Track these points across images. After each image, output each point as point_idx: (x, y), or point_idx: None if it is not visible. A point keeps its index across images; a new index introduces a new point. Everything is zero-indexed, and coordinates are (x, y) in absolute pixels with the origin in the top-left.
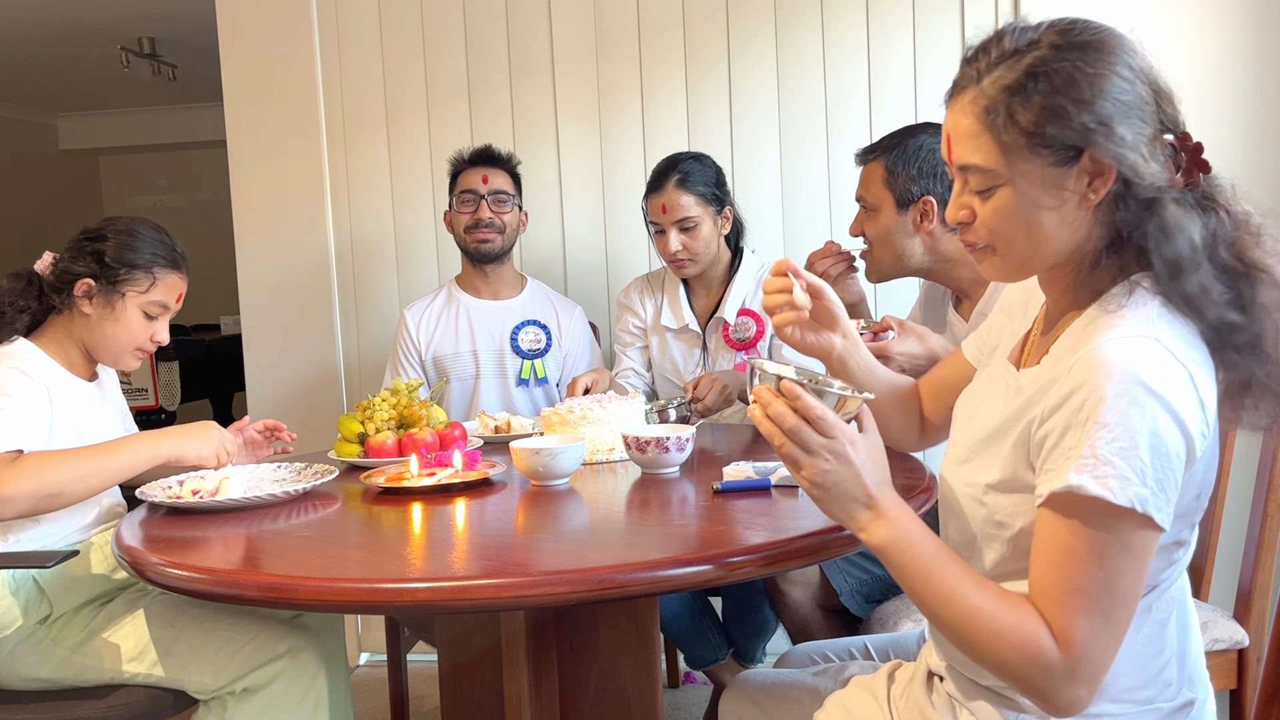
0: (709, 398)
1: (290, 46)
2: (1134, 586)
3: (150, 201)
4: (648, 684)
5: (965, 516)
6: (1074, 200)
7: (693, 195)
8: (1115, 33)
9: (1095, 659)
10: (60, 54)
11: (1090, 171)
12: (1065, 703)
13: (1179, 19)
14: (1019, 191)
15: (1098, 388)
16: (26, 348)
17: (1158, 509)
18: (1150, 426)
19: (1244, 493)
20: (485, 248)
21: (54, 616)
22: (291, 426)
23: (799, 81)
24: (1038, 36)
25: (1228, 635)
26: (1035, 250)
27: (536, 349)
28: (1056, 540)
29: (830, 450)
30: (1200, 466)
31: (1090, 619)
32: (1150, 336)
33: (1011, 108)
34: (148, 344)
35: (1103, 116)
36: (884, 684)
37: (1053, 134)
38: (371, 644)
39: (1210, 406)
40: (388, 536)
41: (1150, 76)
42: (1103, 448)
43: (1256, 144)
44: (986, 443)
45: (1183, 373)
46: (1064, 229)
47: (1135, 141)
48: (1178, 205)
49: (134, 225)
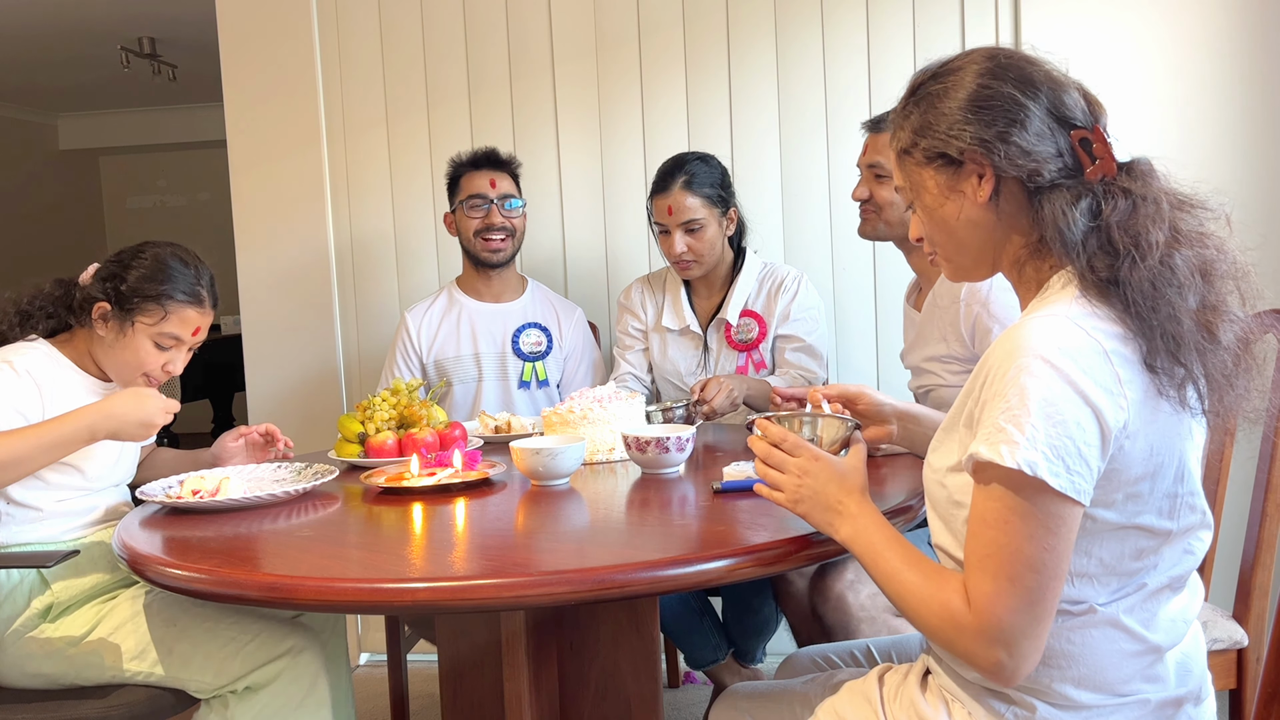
0: (716, 401)
1: (290, 46)
2: (1042, 554)
3: (150, 201)
4: (648, 684)
5: (933, 500)
6: (970, 201)
7: (699, 197)
8: (992, 52)
9: (1005, 620)
10: (60, 54)
11: (977, 173)
12: (988, 664)
13: (1179, 19)
14: (925, 204)
15: (1001, 363)
16: (35, 347)
17: (1053, 474)
18: (1044, 394)
19: (1244, 493)
20: (497, 256)
21: (57, 610)
22: (291, 426)
23: (799, 81)
24: (930, 71)
25: (1228, 635)
26: (960, 250)
27: (538, 351)
28: (974, 508)
29: (798, 467)
30: (1139, 444)
31: (996, 581)
32: (1061, 314)
33: (900, 130)
34: (158, 372)
35: (962, 122)
36: (875, 686)
37: (926, 146)
38: (371, 644)
39: (1133, 382)
40: (388, 536)
41: (1039, 83)
42: (999, 417)
43: (1258, 144)
44: (948, 429)
45: (1093, 346)
46: (974, 229)
47: (1012, 142)
48: (1068, 194)
49: (165, 256)
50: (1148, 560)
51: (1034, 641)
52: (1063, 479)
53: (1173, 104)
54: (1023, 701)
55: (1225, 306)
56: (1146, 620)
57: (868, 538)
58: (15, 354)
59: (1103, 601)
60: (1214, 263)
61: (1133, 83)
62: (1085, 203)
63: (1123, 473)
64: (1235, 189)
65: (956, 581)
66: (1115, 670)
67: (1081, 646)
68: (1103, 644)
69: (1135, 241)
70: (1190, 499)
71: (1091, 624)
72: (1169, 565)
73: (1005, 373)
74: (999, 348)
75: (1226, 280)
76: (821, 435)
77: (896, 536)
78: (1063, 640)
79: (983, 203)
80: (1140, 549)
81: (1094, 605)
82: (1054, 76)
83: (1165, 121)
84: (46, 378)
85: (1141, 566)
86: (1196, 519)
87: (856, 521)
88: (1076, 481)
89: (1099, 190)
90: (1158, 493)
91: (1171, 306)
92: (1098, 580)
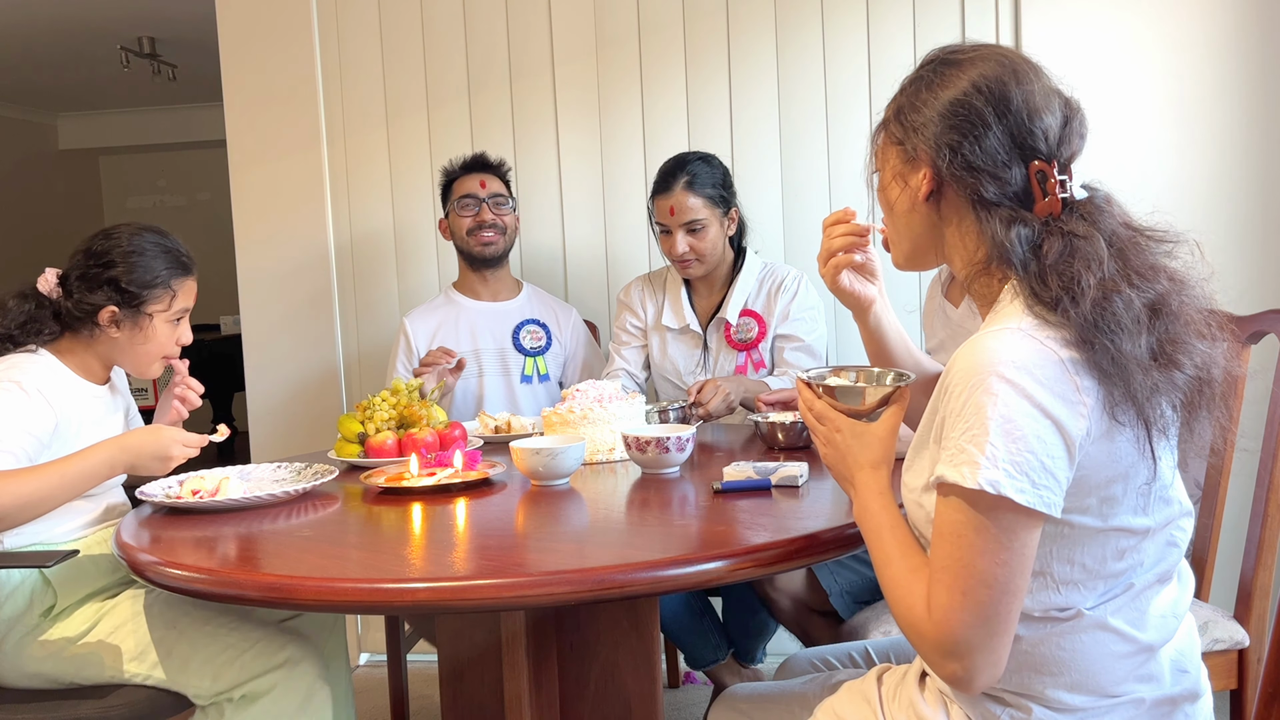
0: (712, 404)
1: (290, 46)
2: (995, 569)
3: (150, 201)
4: (648, 684)
5: (913, 519)
6: (912, 193)
7: (701, 197)
8: (1001, 60)
9: (958, 634)
10: (60, 54)
11: (923, 171)
12: (945, 673)
13: (1179, 19)
14: (882, 179)
15: (959, 381)
16: (37, 360)
17: (1019, 491)
18: (1002, 413)
19: (1244, 493)
20: (489, 250)
21: (58, 610)
22: (291, 426)
23: (799, 81)
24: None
25: (1228, 635)
26: (900, 235)
27: (538, 347)
28: (935, 521)
29: (823, 435)
30: (1103, 448)
31: (950, 595)
32: (1013, 328)
33: (894, 100)
34: (173, 349)
35: (931, 121)
36: (874, 687)
37: (893, 129)
38: (371, 644)
39: (1091, 389)
40: (388, 536)
41: (1014, 107)
42: (959, 437)
43: (1258, 144)
44: (918, 447)
45: (1048, 356)
46: (912, 219)
47: (960, 152)
48: (1008, 215)
49: (136, 240)
50: (1131, 559)
51: (989, 655)
52: (1029, 494)
53: (1172, 104)
54: (1018, 704)
55: (1183, 339)
56: (1136, 619)
57: (868, 518)
58: (21, 372)
59: (1090, 605)
60: (1166, 297)
61: (1132, 83)
62: (1024, 231)
63: (1092, 477)
64: (1235, 189)
65: (926, 586)
66: (1108, 672)
67: (1072, 652)
68: (1093, 648)
69: (1068, 285)
70: (1163, 492)
71: (1080, 629)
72: (1154, 561)
73: (962, 392)
74: (956, 364)
75: (1183, 314)
76: (865, 396)
77: (895, 521)
78: (1053, 647)
79: (921, 198)
80: (1122, 549)
81: (1081, 609)
82: (1033, 102)
83: (1165, 121)
84: (55, 393)
85: (1126, 566)
86: (1174, 510)
87: (861, 498)
88: (1045, 495)
89: (1038, 226)
90: (1131, 491)
91: (1115, 345)
92: (1083, 585)
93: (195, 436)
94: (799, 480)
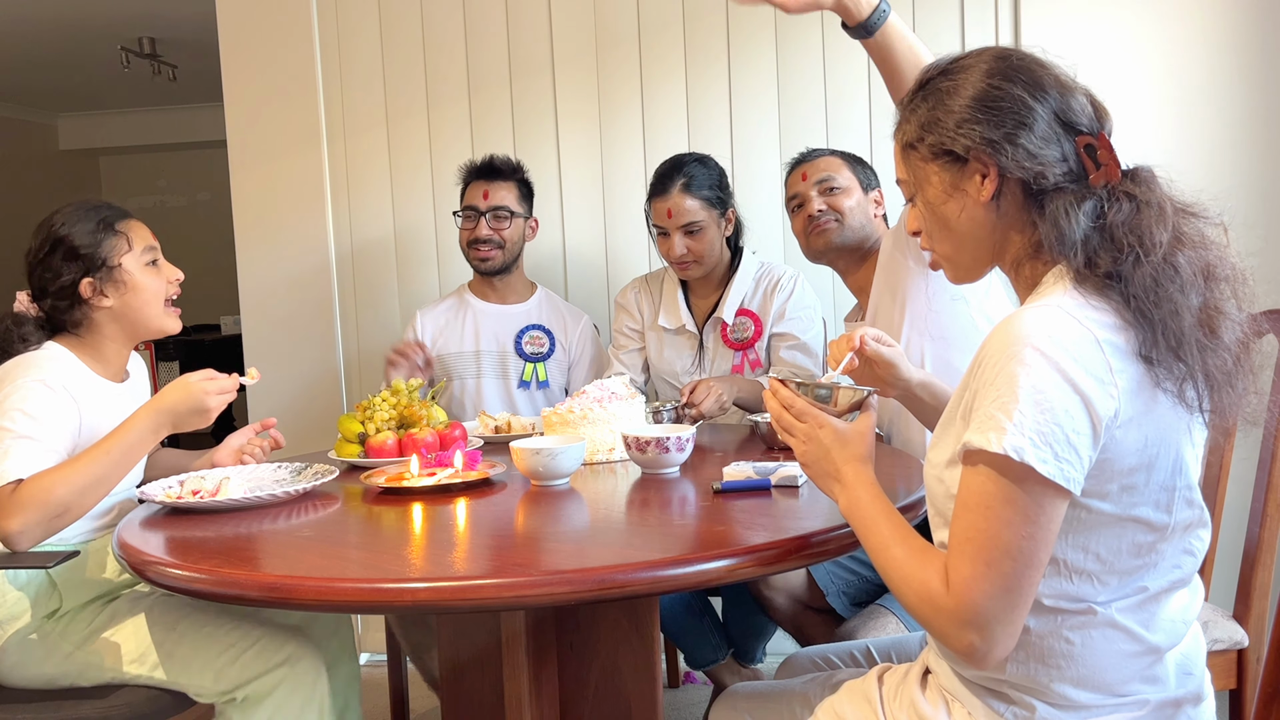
0: (705, 404)
1: (290, 46)
2: (1020, 541)
3: (150, 201)
4: (648, 684)
5: (932, 496)
6: (973, 200)
7: (698, 199)
8: (1003, 52)
9: (980, 605)
10: (60, 54)
11: (981, 173)
12: (961, 647)
13: (1179, 19)
14: (928, 198)
15: (994, 353)
16: (54, 353)
17: (1040, 460)
18: (1033, 382)
19: (1244, 493)
20: (485, 265)
21: (62, 611)
22: (291, 426)
23: (799, 81)
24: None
25: (1227, 635)
26: (958, 248)
27: (540, 353)
28: (959, 492)
29: (804, 433)
30: (1132, 434)
31: (974, 565)
32: (1054, 305)
33: (906, 123)
34: (171, 290)
35: (970, 121)
36: (875, 686)
37: (932, 141)
38: (371, 644)
39: (1125, 371)
40: (388, 536)
41: (1048, 87)
42: (989, 405)
43: (1258, 144)
44: (945, 424)
45: (1086, 335)
46: (974, 227)
47: (1019, 144)
48: (1071, 197)
49: (60, 215)
50: (1147, 559)
51: (1007, 628)
52: (1050, 465)
53: (1172, 104)
54: (1022, 701)
55: (1226, 308)
56: (1146, 621)
57: (862, 509)
58: (44, 370)
59: (1102, 602)
60: (1215, 266)
61: (1132, 82)
62: (1089, 205)
63: (1115, 462)
64: (1235, 189)
65: (939, 562)
66: (1114, 671)
67: (1080, 646)
68: (1101, 644)
69: (1139, 239)
70: (1187, 493)
71: (1091, 624)
72: (1169, 567)
73: (997, 362)
74: (993, 339)
75: (1227, 284)
76: (837, 398)
77: (889, 510)
78: (1061, 640)
79: (985, 202)
80: (1138, 544)
81: (1093, 606)
82: (1062, 81)
83: (1165, 121)
84: (78, 389)
85: (1141, 565)
86: (1194, 515)
87: (852, 491)
88: (1065, 469)
89: (1103, 194)
90: (1154, 484)
91: (1173, 303)
92: (1097, 578)
93: (226, 380)
94: (798, 480)
